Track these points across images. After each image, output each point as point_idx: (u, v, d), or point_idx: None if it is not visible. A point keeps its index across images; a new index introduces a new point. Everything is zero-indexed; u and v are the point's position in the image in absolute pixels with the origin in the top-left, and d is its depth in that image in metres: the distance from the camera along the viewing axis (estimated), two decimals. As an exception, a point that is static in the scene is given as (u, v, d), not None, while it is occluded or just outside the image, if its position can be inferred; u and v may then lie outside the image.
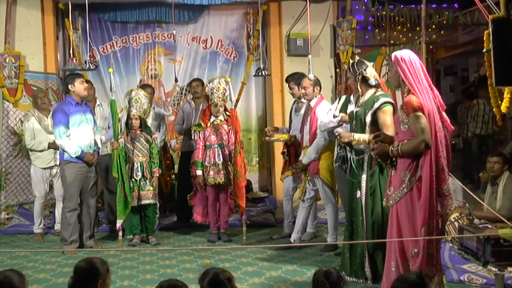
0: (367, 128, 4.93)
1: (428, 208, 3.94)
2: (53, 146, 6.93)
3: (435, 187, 3.96)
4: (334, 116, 5.68)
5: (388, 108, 4.84)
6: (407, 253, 4.11)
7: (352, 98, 5.71)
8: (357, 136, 4.93)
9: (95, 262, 3.25)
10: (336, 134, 5.27)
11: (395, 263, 4.18)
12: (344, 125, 5.49)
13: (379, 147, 4.31)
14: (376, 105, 4.87)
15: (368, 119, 4.92)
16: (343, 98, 5.81)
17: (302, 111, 6.53)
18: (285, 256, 6.00)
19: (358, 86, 5.03)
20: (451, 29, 11.80)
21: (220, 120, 6.72)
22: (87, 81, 7.42)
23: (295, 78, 6.72)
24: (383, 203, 4.58)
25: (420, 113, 3.96)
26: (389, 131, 4.65)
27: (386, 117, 4.79)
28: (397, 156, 4.14)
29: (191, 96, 7.95)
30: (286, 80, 6.94)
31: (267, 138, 7.06)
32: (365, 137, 4.87)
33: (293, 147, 6.64)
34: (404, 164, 4.08)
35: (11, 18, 8.37)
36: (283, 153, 6.85)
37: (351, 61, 5.12)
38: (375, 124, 4.87)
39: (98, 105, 7.41)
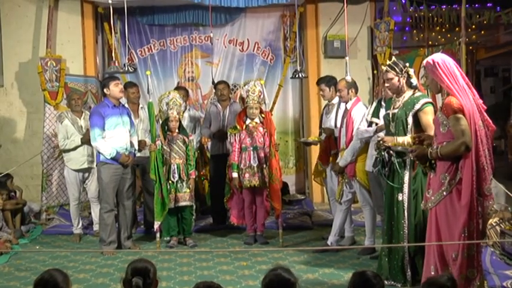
0: (408, 129, 4.85)
1: (469, 209, 3.86)
2: (84, 139, 6.99)
3: (476, 187, 3.88)
4: (368, 122, 5.64)
5: (430, 109, 4.76)
6: (446, 257, 4.04)
7: (383, 102, 5.68)
8: (401, 139, 4.80)
9: (148, 262, 3.27)
10: (378, 138, 5.17)
11: (434, 267, 4.12)
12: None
13: (417, 150, 4.25)
14: (417, 106, 4.78)
15: (410, 120, 4.84)
16: (375, 102, 5.78)
17: (333, 114, 6.50)
18: (322, 259, 5.97)
19: (402, 85, 4.94)
20: (492, 29, 11.58)
21: (256, 123, 6.72)
22: (134, 85, 7.51)
23: (326, 80, 6.68)
24: (421, 205, 4.49)
25: (460, 115, 3.88)
26: (433, 131, 4.56)
27: (429, 118, 4.71)
28: (436, 159, 4.07)
29: (216, 98, 7.86)
30: (317, 83, 6.87)
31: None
32: (409, 139, 4.75)
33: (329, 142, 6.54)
34: (444, 166, 4.01)
35: (52, 23, 8.58)
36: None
37: (390, 60, 5.05)
38: (417, 125, 4.80)
39: (141, 107, 7.45)
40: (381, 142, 4.95)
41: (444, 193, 4.00)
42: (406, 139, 4.76)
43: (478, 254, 4.05)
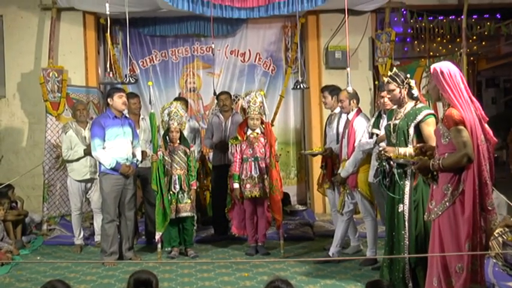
0: (410, 140, 4.85)
1: (472, 223, 3.85)
2: (87, 150, 6.98)
3: (478, 201, 3.87)
4: (370, 134, 5.64)
5: (432, 120, 4.76)
6: (449, 269, 4.02)
7: (382, 112, 5.70)
8: (402, 150, 4.79)
9: (150, 273, 3.28)
10: (380, 148, 5.16)
11: (437, 279, 4.09)
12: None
13: (419, 162, 4.24)
14: (419, 117, 4.78)
15: (411, 131, 4.84)
16: (376, 114, 5.80)
17: (335, 123, 6.52)
18: (324, 270, 5.95)
19: (404, 96, 4.93)
20: (493, 39, 11.60)
21: (257, 133, 6.72)
22: (136, 96, 7.51)
23: (330, 89, 6.72)
24: (424, 217, 4.49)
25: (462, 127, 3.88)
26: (435, 142, 4.56)
27: (431, 129, 4.70)
28: (438, 170, 4.06)
29: (218, 109, 7.85)
30: (322, 90, 6.92)
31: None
32: (411, 151, 4.73)
33: (330, 159, 6.59)
34: (446, 177, 4.00)
35: (54, 34, 8.61)
36: (321, 166, 6.80)
37: (392, 72, 5.04)
38: (419, 136, 4.80)
39: (142, 118, 7.45)
40: (383, 152, 4.94)
41: (447, 204, 3.99)
42: (408, 150, 4.75)
43: (481, 268, 4.03)
